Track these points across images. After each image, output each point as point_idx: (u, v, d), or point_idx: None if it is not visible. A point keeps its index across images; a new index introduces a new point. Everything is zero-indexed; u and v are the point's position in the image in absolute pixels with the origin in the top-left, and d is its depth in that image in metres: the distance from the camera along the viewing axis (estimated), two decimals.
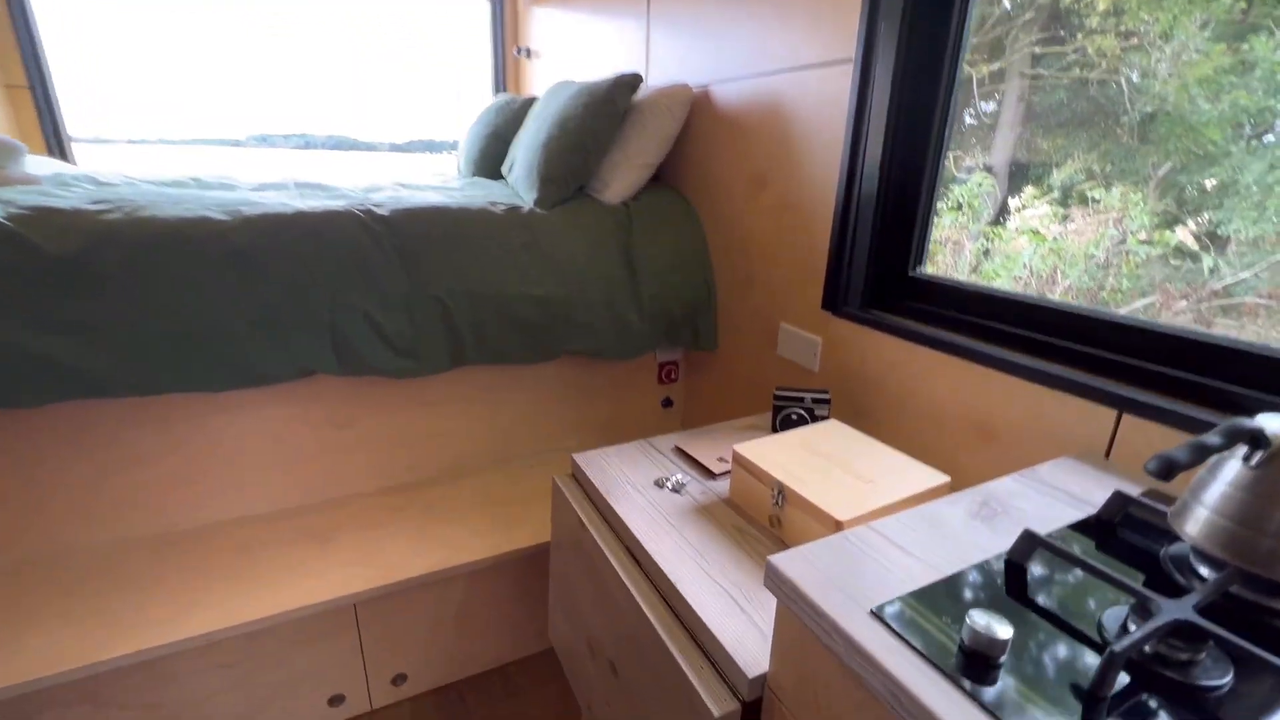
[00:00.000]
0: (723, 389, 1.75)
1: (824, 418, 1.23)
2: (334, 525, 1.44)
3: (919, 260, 1.23)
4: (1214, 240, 0.94)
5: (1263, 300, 0.89)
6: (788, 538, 0.92)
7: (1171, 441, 0.80)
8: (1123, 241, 1.04)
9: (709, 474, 1.12)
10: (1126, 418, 0.84)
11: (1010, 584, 0.60)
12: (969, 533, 0.69)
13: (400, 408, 1.54)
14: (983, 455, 1.04)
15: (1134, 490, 0.76)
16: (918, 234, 1.21)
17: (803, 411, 1.23)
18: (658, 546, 0.91)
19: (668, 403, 1.92)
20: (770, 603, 0.80)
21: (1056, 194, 1.12)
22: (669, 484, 1.08)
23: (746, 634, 0.75)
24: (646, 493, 1.05)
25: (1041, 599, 0.58)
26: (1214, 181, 0.92)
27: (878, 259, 1.23)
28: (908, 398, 1.17)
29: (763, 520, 0.97)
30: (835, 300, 1.30)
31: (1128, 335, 0.89)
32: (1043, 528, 0.69)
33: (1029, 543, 0.62)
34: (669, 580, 0.85)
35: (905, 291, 1.23)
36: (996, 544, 0.67)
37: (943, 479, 0.93)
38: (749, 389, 1.63)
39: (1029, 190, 1.18)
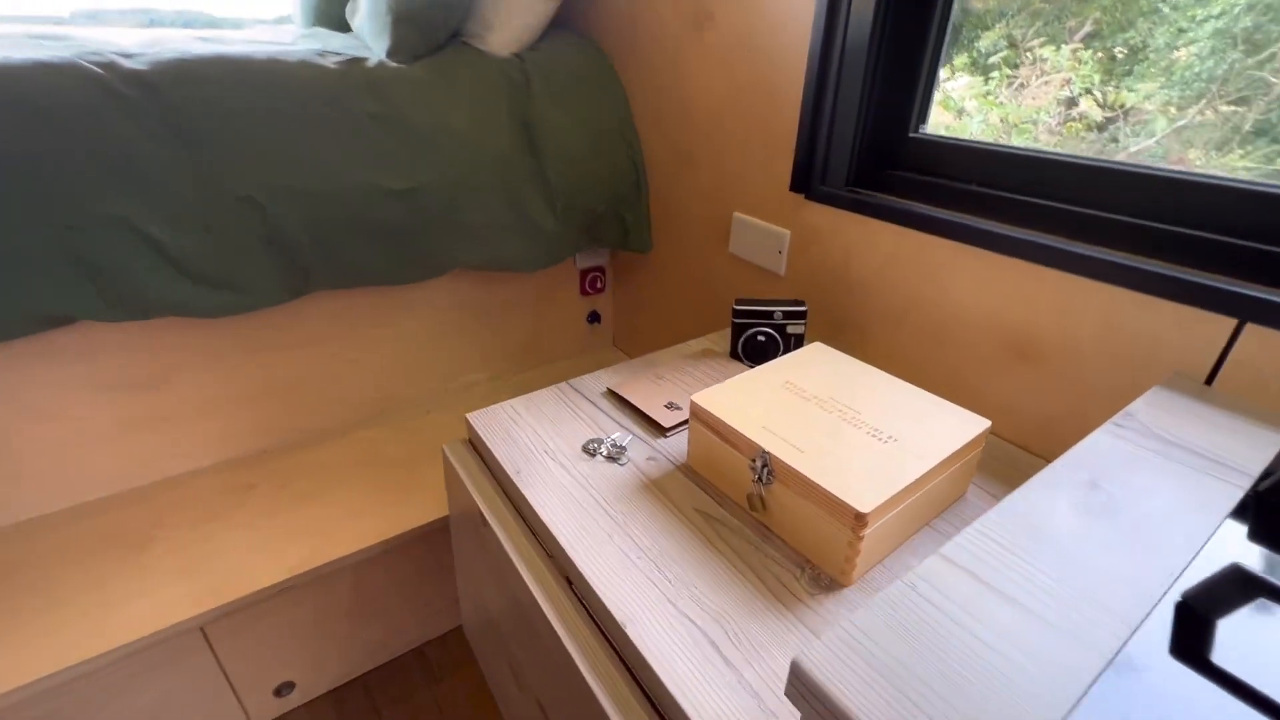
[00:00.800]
0: (662, 300, 1.42)
1: (798, 337, 0.94)
2: (154, 521, 1.07)
3: (922, 117, 0.90)
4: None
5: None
6: (780, 530, 0.65)
7: None
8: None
9: (658, 429, 0.82)
10: (1251, 329, 0.59)
11: (1191, 649, 0.34)
12: (1090, 545, 0.42)
13: (231, 355, 1.13)
14: (1020, 383, 0.79)
15: None
16: (924, 78, 0.87)
17: (771, 331, 0.93)
18: (594, 558, 0.62)
19: (594, 317, 1.59)
20: (771, 648, 0.54)
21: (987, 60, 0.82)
22: (603, 449, 0.77)
23: (735, 705, 0.49)
24: (572, 466, 0.74)
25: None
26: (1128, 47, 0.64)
27: (871, 118, 0.90)
28: (910, 307, 0.89)
29: (738, 498, 0.69)
30: (809, 179, 0.97)
31: (1256, 209, 0.62)
32: (1189, 522, 0.44)
33: (1238, 586, 0.35)
34: (613, 617, 0.56)
35: (904, 160, 0.91)
36: (1144, 565, 0.40)
37: (982, 424, 0.67)
38: (697, 299, 1.31)
39: (960, 59, 0.87)
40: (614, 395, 0.89)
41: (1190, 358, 0.63)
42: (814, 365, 0.78)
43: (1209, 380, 0.63)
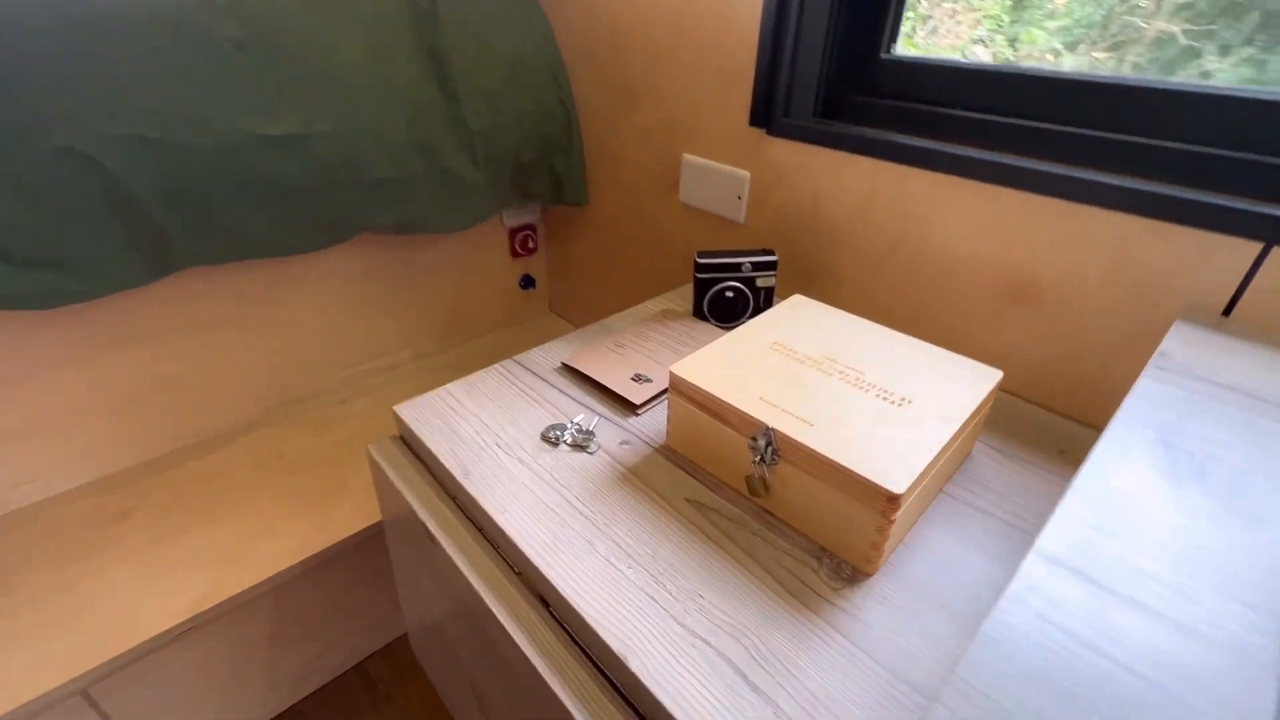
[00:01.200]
0: (605, 259, 1.29)
1: (769, 291, 0.85)
2: (10, 565, 0.86)
3: (893, 36, 0.81)
4: None
5: None
6: (788, 516, 0.56)
7: None
8: None
9: (627, 407, 0.71)
10: (1278, 252, 0.54)
11: None
12: (1195, 519, 0.35)
13: (93, 351, 0.92)
14: (1017, 327, 0.73)
15: None
16: None
17: (739, 285, 0.83)
18: (574, 574, 0.51)
19: (527, 282, 1.44)
20: (803, 663, 0.45)
21: None
22: (567, 437, 0.66)
23: None
24: (533, 460, 0.62)
25: None
26: None
27: (839, 38, 0.79)
28: (892, 250, 0.81)
29: (734, 482, 0.59)
30: (770, 112, 0.86)
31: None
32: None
33: None
34: (609, 648, 0.46)
35: (876, 86, 0.82)
36: (1263, 539, 0.34)
37: (994, 376, 0.60)
38: (645, 257, 1.19)
39: None
40: (570, 371, 0.77)
41: (1206, 289, 0.59)
42: (800, 322, 0.69)
43: (1226, 312, 0.58)
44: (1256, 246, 0.55)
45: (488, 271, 1.36)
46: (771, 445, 0.53)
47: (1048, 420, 0.70)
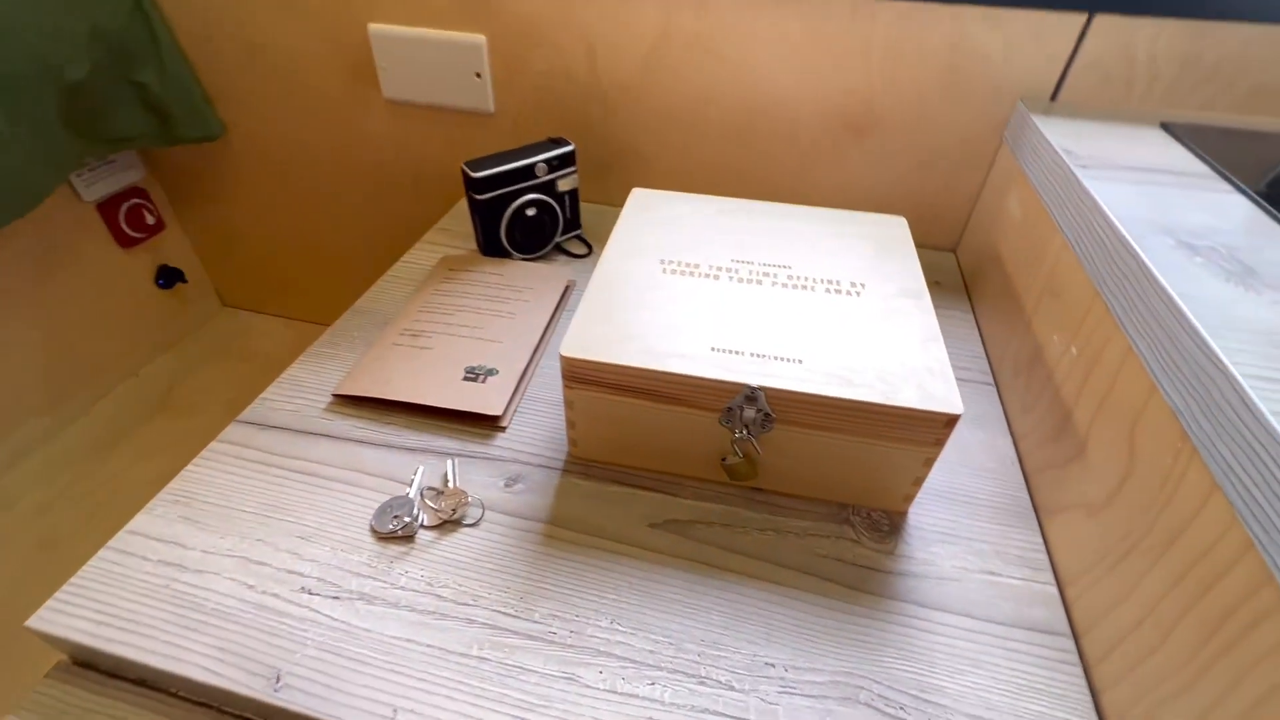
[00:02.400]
0: (290, 214, 0.89)
1: (575, 196, 0.64)
2: None
3: None
4: None
5: None
6: (791, 486, 0.41)
7: (1160, 42, 0.52)
8: None
9: (484, 425, 0.46)
10: (1100, 21, 0.52)
11: None
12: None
13: None
14: (859, 159, 0.65)
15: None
16: None
17: (542, 197, 0.60)
18: None
19: (170, 277, 0.95)
20: (942, 684, 0.33)
21: None
22: (419, 514, 0.40)
23: None
24: (385, 586, 0.36)
25: None
26: None
27: None
28: (701, 104, 0.65)
29: (702, 471, 0.42)
30: None
31: None
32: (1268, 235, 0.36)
33: None
34: None
35: None
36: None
37: (900, 224, 0.51)
38: (355, 193, 0.84)
39: None
40: (353, 402, 0.47)
41: (1034, 78, 0.56)
42: (667, 224, 0.50)
43: (1054, 95, 0.57)
44: (1080, 18, 0.53)
45: (87, 280, 0.84)
46: (762, 410, 0.37)
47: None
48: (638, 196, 0.54)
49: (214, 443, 0.44)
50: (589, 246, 0.66)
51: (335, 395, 0.47)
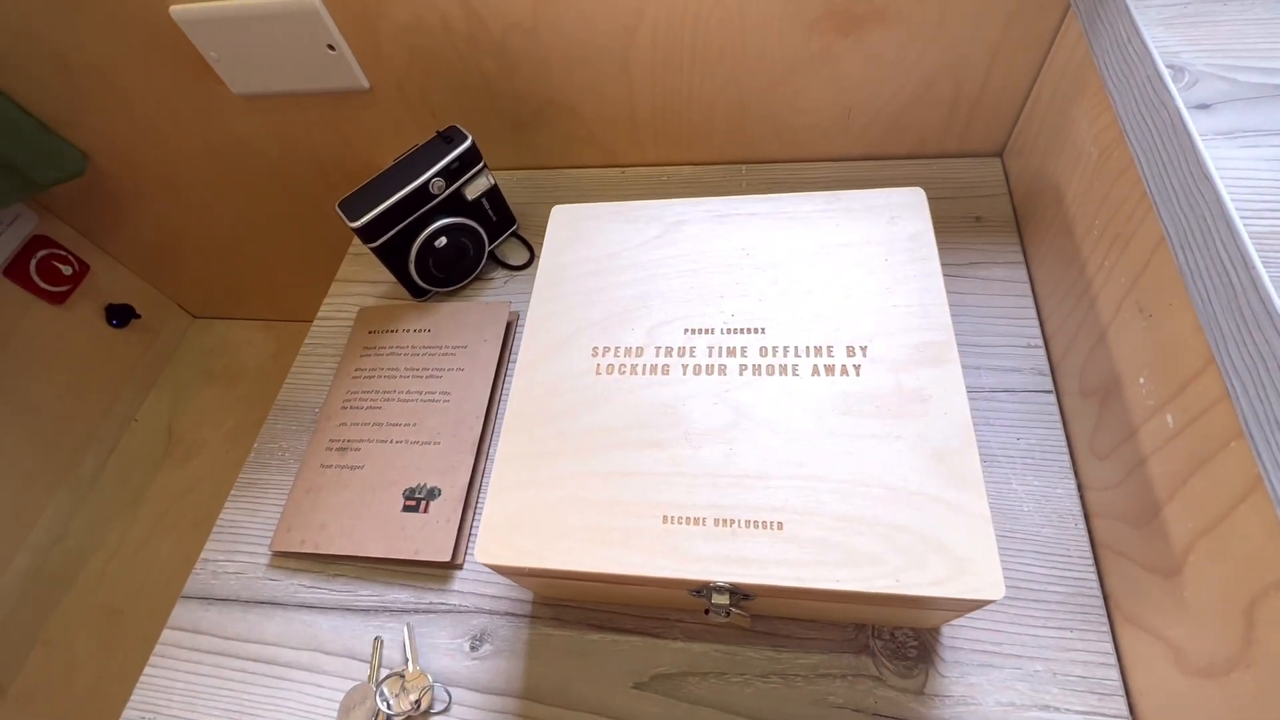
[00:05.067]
0: (203, 222, 0.78)
1: (494, 195, 0.50)
2: None
3: None
4: None
5: None
6: (791, 610, 0.34)
7: None
8: None
9: (435, 575, 0.40)
10: None
11: None
12: None
13: None
14: (860, 67, 0.47)
15: None
16: None
17: (452, 221, 0.48)
18: None
19: (122, 315, 0.88)
20: None
21: None
22: (387, 703, 0.36)
23: None
24: None
25: None
26: None
27: None
28: (632, 28, 0.47)
29: (682, 603, 0.35)
30: None
31: None
32: None
33: None
34: None
35: None
36: None
37: (913, 199, 0.37)
38: (254, 195, 0.71)
39: None
40: (294, 558, 0.42)
41: None
42: (600, 273, 0.38)
43: None
44: None
45: (35, 349, 0.79)
46: (738, 594, 0.29)
47: (935, 175, 0.50)
48: (559, 220, 0.41)
49: (166, 631, 0.41)
50: (530, 250, 0.54)
51: (275, 553, 0.42)
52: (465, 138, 0.46)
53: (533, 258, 0.53)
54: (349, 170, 0.65)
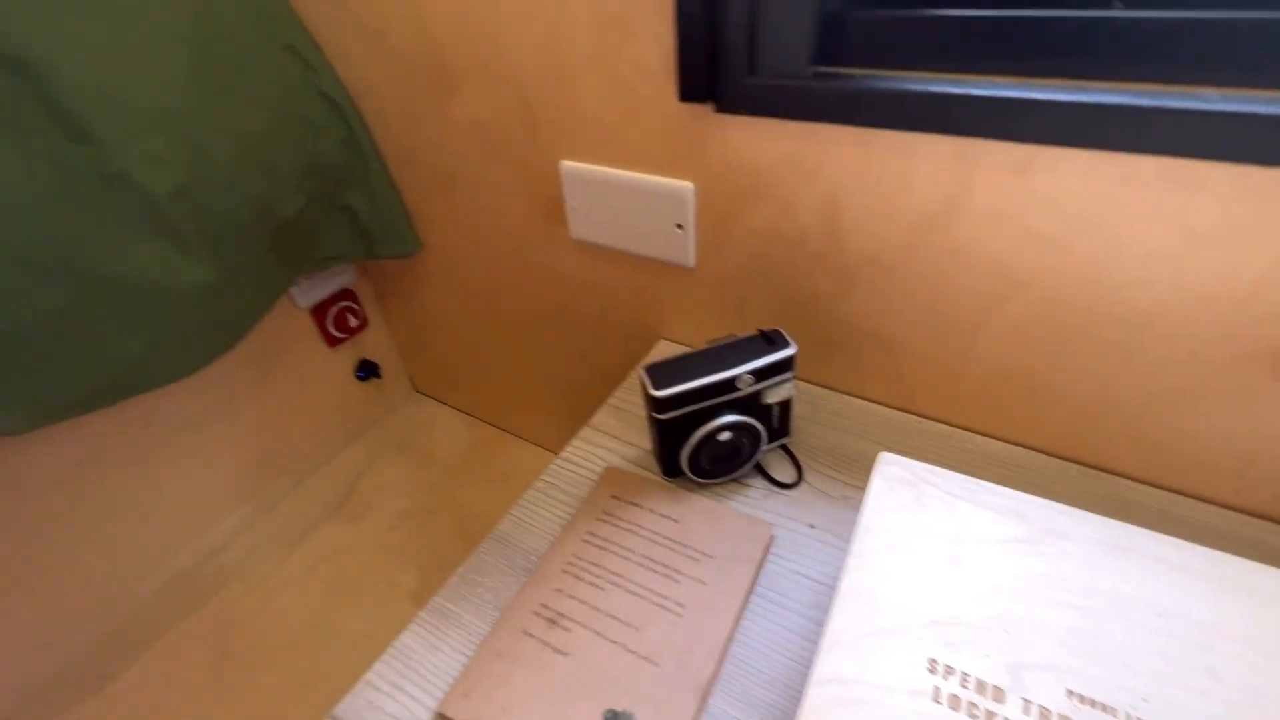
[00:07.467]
0: (470, 322, 0.85)
1: (787, 408, 0.47)
2: None
3: None
4: None
5: None
6: None
7: None
8: None
9: None
10: None
11: None
12: None
13: None
14: (1274, 413, 0.39)
15: None
16: None
17: (739, 419, 0.44)
18: None
19: (367, 370, 0.97)
20: None
21: None
22: None
23: None
24: None
25: None
26: None
27: None
28: (1007, 292, 0.44)
29: None
30: (718, 69, 0.44)
31: None
32: None
33: None
34: None
35: None
36: None
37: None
38: (532, 318, 0.77)
39: None
40: None
41: None
42: (938, 560, 0.31)
43: None
44: None
45: (297, 378, 0.88)
46: None
47: None
48: (889, 472, 0.35)
49: None
50: (799, 469, 0.49)
51: (440, 715, 0.36)
52: (788, 345, 0.44)
53: (800, 478, 0.48)
54: (629, 330, 0.67)
